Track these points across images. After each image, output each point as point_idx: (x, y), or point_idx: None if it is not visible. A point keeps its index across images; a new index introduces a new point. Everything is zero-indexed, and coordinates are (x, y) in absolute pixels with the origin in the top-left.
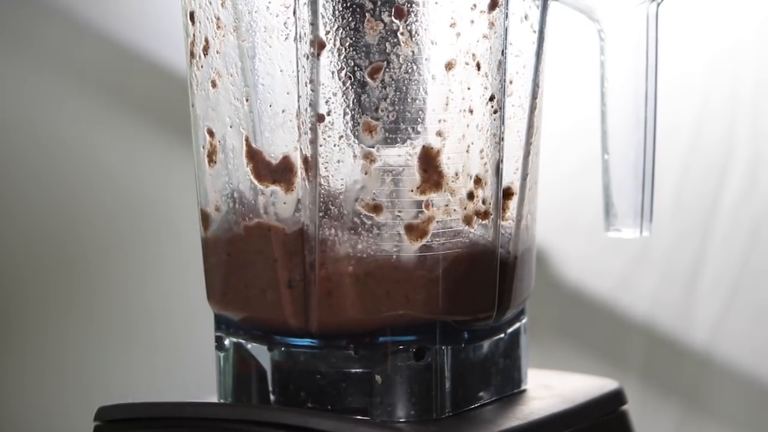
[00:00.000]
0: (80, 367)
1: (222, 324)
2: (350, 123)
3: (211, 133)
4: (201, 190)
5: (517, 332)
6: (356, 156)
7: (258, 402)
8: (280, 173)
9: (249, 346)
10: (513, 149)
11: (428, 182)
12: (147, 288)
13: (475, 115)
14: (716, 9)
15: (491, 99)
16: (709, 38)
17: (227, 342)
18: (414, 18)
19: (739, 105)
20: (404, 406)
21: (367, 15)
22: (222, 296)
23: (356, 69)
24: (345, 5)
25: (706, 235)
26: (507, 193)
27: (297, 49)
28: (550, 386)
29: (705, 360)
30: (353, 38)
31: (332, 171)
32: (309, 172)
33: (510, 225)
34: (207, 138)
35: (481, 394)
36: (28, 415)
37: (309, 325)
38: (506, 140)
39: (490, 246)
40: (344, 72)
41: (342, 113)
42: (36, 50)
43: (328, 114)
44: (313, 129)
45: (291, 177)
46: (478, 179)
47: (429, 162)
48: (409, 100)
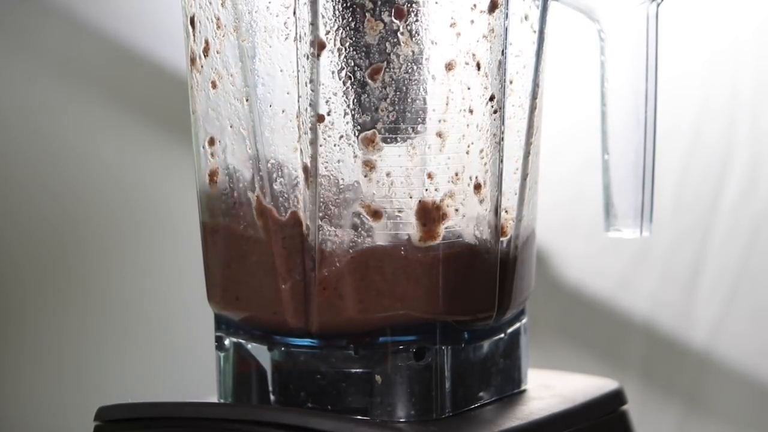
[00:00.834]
0: (80, 368)
1: (222, 324)
2: (350, 123)
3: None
4: (201, 197)
5: (517, 332)
6: (356, 156)
7: (258, 402)
8: (290, 228)
9: (249, 346)
10: (513, 149)
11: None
12: (146, 288)
13: (475, 115)
14: (716, 9)
15: (491, 99)
16: (709, 38)
17: (227, 342)
18: (414, 18)
19: (739, 105)
20: (404, 406)
21: (367, 15)
22: (222, 296)
23: (356, 69)
24: (345, 5)
25: (706, 235)
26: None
27: (297, 49)
28: (550, 386)
29: (705, 360)
30: (353, 38)
31: (332, 171)
32: (309, 173)
33: (510, 225)
34: (209, 159)
35: (481, 394)
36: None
37: (309, 325)
38: (506, 140)
39: (491, 246)
40: (344, 72)
41: (342, 113)
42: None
43: (329, 114)
44: (313, 129)
45: (300, 230)
46: (478, 179)
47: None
48: (409, 100)
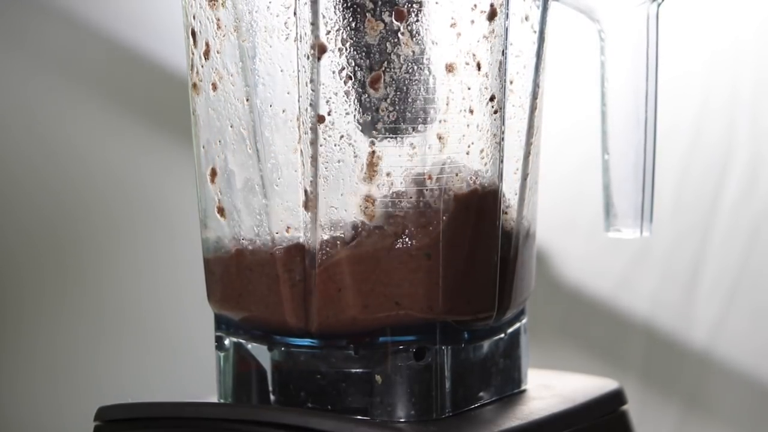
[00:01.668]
0: (79, 368)
1: (222, 324)
2: (351, 123)
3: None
4: (201, 201)
5: (517, 332)
6: (357, 156)
7: (258, 402)
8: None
9: (249, 346)
10: (513, 149)
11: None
12: (146, 288)
13: (476, 116)
14: (716, 9)
15: (491, 99)
16: (709, 38)
17: (227, 342)
18: (414, 18)
19: (739, 105)
20: (404, 406)
21: (368, 15)
22: (222, 296)
23: (357, 69)
24: (345, 5)
25: (706, 235)
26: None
27: (297, 49)
28: (550, 386)
29: (705, 360)
30: (354, 38)
31: (333, 171)
32: (309, 174)
33: (510, 225)
34: (209, 160)
35: (481, 394)
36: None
37: (309, 325)
38: (506, 140)
39: (491, 246)
40: (345, 72)
41: (343, 113)
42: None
43: (329, 114)
44: (314, 129)
45: (301, 263)
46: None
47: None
48: (410, 100)
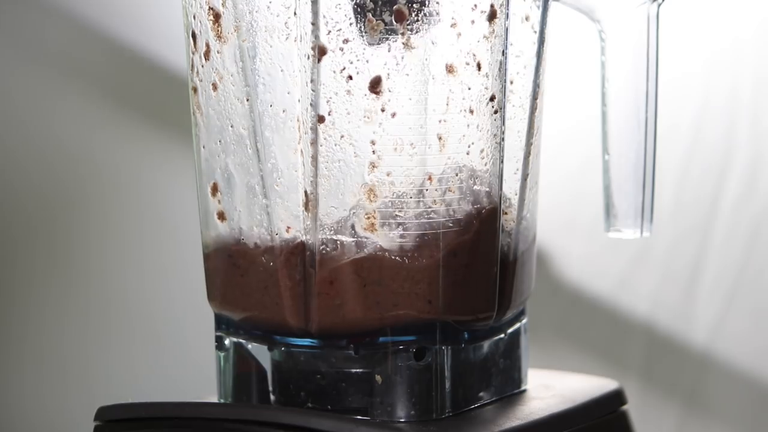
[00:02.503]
0: (80, 367)
1: (222, 324)
2: (351, 122)
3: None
4: (201, 201)
5: (518, 332)
6: (357, 156)
7: (258, 402)
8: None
9: (249, 346)
10: (513, 149)
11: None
12: (147, 288)
13: (476, 116)
14: (716, 9)
15: (492, 99)
16: (709, 38)
17: (227, 342)
18: (415, 18)
19: (739, 105)
20: (404, 406)
21: (368, 15)
22: (222, 296)
23: (357, 69)
24: (346, 5)
25: (706, 236)
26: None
27: (298, 49)
28: (550, 386)
29: (705, 360)
30: (354, 38)
31: (333, 171)
32: (309, 174)
33: (510, 225)
34: (209, 160)
35: (482, 395)
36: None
37: (309, 325)
38: (507, 140)
39: (491, 246)
40: (345, 72)
41: (343, 113)
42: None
43: (329, 114)
44: (314, 129)
45: (301, 263)
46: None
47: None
48: (410, 100)
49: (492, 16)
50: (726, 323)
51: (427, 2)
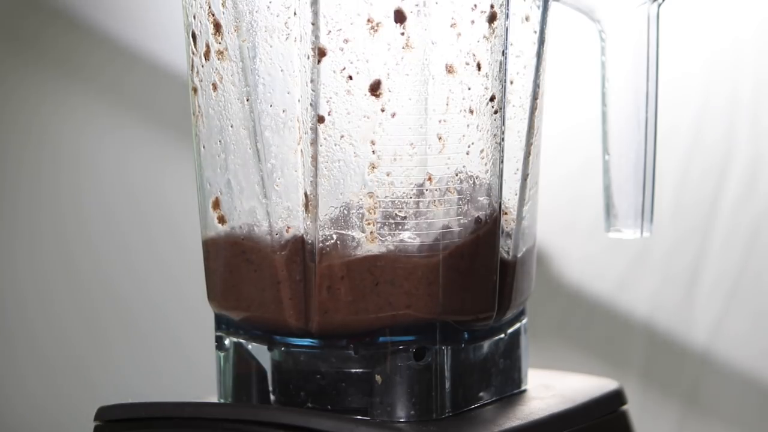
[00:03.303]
0: (80, 367)
1: (222, 324)
2: (351, 122)
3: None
4: (201, 201)
5: (518, 332)
6: (357, 156)
7: (258, 402)
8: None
9: (249, 346)
10: (513, 150)
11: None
12: (147, 288)
13: (476, 116)
14: (716, 9)
15: (492, 99)
16: (709, 38)
17: (227, 342)
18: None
19: (739, 105)
20: (404, 406)
21: (369, 15)
22: (222, 296)
23: (357, 69)
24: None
25: (706, 236)
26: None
27: (298, 49)
28: (550, 386)
29: (705, 360)
30: (354, 38)
31: (333, 171)
32: (309, 174)
33: (510, 225)
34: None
35: (481, 395)
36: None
37: (309, 325)
38: (507, 141)
39: (491, 246)
40: (346, 72)
41: (343, 113)
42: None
43: (329, 114)
44: (314, 129)
45: (301, 263)
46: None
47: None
48: (410, 100)
49: (492, 17)
50: (726, 324)
51: (427, 2)
